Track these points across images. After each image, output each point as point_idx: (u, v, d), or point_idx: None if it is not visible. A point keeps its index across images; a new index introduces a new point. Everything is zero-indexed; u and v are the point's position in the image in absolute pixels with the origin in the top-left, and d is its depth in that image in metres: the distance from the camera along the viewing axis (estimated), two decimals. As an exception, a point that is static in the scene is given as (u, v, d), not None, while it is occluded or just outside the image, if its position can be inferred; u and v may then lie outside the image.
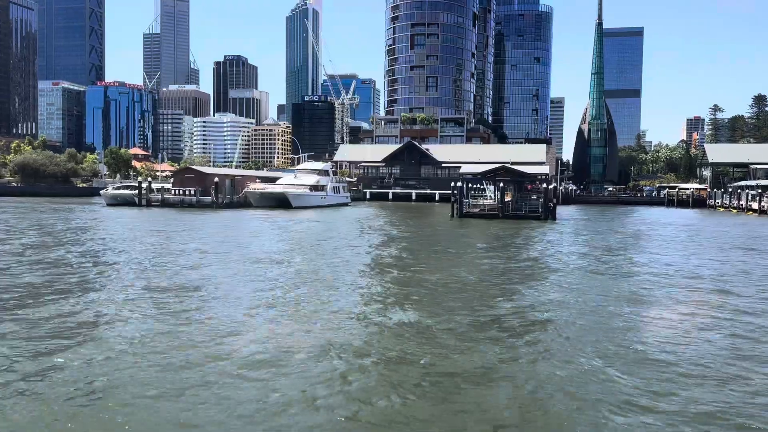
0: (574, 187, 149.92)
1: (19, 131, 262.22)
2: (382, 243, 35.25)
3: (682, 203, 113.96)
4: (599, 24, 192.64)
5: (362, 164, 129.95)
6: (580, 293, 19.17)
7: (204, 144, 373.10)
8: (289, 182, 79.95)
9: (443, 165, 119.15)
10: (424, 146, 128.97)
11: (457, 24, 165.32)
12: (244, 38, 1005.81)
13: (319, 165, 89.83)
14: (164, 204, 70.76)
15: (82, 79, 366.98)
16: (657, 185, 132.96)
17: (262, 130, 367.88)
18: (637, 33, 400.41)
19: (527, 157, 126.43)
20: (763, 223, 63.24)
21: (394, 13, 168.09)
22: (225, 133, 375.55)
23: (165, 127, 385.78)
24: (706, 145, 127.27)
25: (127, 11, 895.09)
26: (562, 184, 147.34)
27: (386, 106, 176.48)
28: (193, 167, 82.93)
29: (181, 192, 70.86)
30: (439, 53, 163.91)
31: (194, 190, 70.14)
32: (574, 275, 23.18)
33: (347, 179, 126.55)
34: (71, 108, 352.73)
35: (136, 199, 70.80)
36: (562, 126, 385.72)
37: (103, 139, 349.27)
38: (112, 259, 25.26)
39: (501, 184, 61.34)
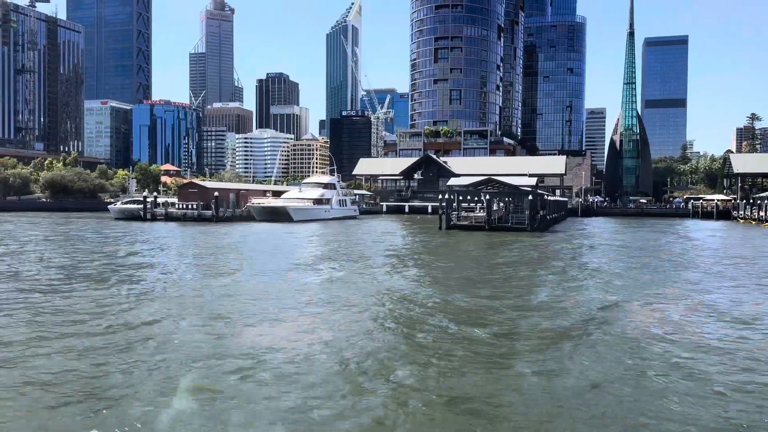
0: (601, 199, 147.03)
1: (69, 149, 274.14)
2: (322, 256, 35.84)
3: (707, 215, 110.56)
4: (631, 33, 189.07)
5: (381, 177, 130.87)
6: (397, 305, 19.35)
7: (245, 159, 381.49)
8: (293, 196, 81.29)
9: (461, 177, 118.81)
10: (442, 159, 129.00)
11: (482, 37, 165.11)
12: (287, 56, 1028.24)
13: (325, 179, 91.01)
14: (168, 218, 73.03)
15: (129, 98, 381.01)
16: (685, 197, 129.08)
17: (301, 145, 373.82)
18: (681, 42, 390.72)
19: (546, 169, 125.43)
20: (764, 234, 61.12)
21: (417, 27, 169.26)
22: (265, 149, 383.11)
23: (209, 144, 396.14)
24: (731, 155, 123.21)
25: (175, 32, 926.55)
26: (588, 196, 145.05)
27: (411, 119, 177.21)
28: (196, 181, 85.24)
29: (183, 206, 72.98)
30: (463, 66, 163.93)
31: (196, 204, 72.13)
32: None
33: (364, 192, 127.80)
34: (119, 126, 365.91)
35: (141, 213, 73.28)
36: (603, 137, 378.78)
37: (150, 156, 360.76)
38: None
39: (487, 196, 61.06)
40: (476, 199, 68.81)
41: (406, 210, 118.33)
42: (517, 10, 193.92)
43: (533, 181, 63.53)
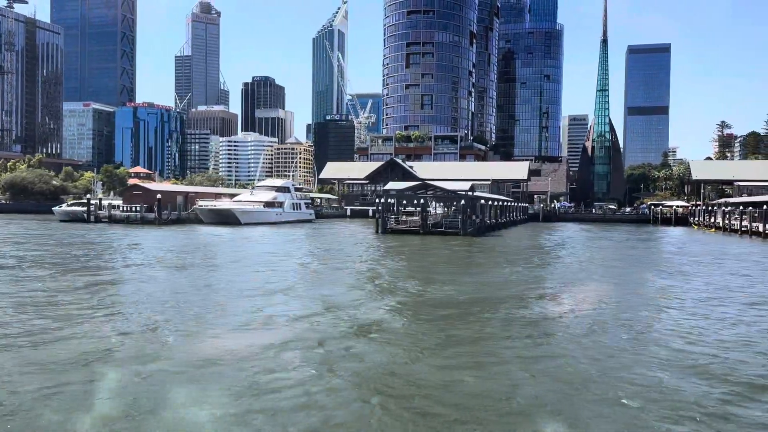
0: (568, 204, 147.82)
1: (48, 151, 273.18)
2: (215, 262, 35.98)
3: (666, 221, 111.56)
4: (604, 41, 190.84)
5: (347, 181, 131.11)
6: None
7: (229, 163, 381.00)
8: (244, 199, 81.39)
9: (426, 182, 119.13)
10: (408, 164, 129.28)
11: (453, 42, 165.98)
12: (273, 60, 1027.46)
13: (279, 182, 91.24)
14: (111, 220, 72.94)
15: (113, 100, 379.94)
16: (649, 203, 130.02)
17: (285, 149, 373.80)
18: (664, 49, 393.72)
19: (509, 174, 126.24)
20: (693, 240, 61.80)
21: (390, 32, 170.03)
22: (249, 152, 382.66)
23: (192, 147, 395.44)
24: (691, 162, 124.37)
25: (161, 34, 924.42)
26: (555, 201, 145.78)
27: (383, 123, 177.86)
28: (140, 183, 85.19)
29: (127, 208, 72.93)
30: (435, 71, 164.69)
31: (140, 207, 72.08)
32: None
33: (330, 196, 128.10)
34: (101, 128, 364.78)
35: (85, 216, 73.17)
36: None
37: (132, 159, 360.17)
38: None
39: (422, 200, 61.47)
40: (415, 202, 69.30)
41: (370, 214, 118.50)
42: (491, 16, 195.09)
43: (467, 185, 63.81)
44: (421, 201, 61.57)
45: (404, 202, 64.91)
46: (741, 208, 75.48)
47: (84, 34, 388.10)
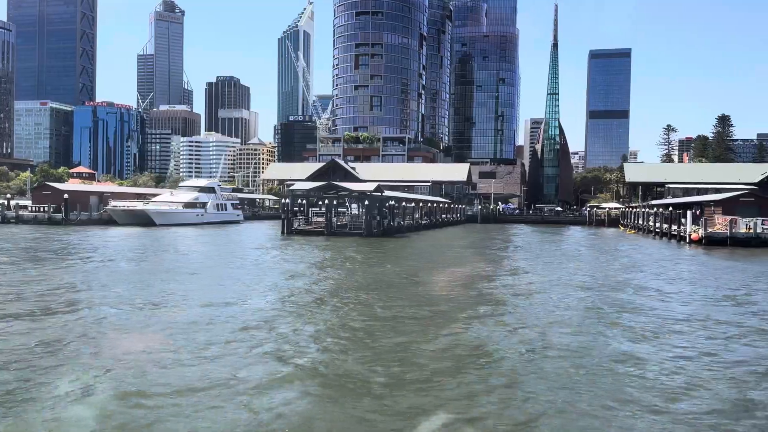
0: (513, 207, 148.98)
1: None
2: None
3: (600, 222, 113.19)
4: (555, 45, 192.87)
5: (288, 182, 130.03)
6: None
7: (190, 163, 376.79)
8: (162, 200, 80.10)
9: (366, 183, 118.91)
10: (350, 165, 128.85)
11: (402, 44, 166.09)
12: (239, 59, 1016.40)
13: (203, 182, 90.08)
14: (19, 220, 71.16)
15: (72, 99, 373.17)
16: (588, 205, 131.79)
17: (247, 149, 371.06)
18: (624, 54, 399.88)
19: (449, 176, 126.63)
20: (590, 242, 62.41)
21: (339, 33, 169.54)
22: (211, 153, 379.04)
23: (153, 147, 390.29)
24: (625, 165, 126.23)
25: (123, 33, 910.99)
26: (499, 203, 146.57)
27: (332, 124, 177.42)
28: (50, 183, 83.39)
29: (36, 209, 71.23)
30: (384, 73, 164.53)
31: (48, 207, 70.45)
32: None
33: (270, 197, 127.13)
34: (59, 128, 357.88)
35: (-6, 216, 71.31)
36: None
37: (91, 159, 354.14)
38: None
39: (326, 201, 61.10)
40: (335, 203, 68.87)
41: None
42: (443, 19, 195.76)
43: (372, 186, 63.52)
44: (326, 202, 61.18)
45: (319, 202, 64.45)
46: (656, 210, 76.62)
47: (42, 32, 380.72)
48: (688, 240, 56.83)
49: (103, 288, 22.73)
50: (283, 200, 63.61)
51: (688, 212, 58.47)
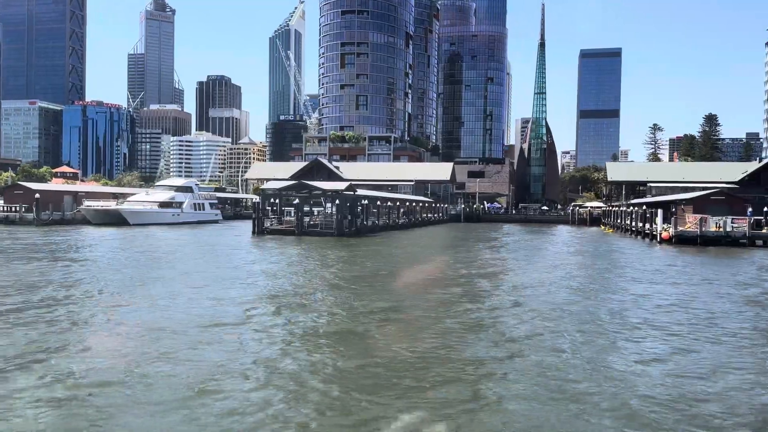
0: (498, 206, 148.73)
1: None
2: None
3: (582, 222, 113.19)
4: (542, 44, 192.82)
5: (271, 181, 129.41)
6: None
7: (180, 162, 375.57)
8: (138, 199, 79.49)
9: (350, 183, 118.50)
10: (334, 164, 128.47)
11: (388, 43, 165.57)
12: (231, 59, 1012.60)
13: (180, 181, 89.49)
14: (-10, 220, 70.50)
15: (62, 99, 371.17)
16: (572, 204, 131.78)
17: (238, 149, 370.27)
18: (615, 54, 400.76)
19: (432, 175, 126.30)
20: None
21: (324, 31, 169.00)
22: (201, 152, 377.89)
23: (143, 147, 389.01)
24: (608, 164, 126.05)
25: (114, 32, 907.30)
26: (485, 202, 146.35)
27: (319, 123, 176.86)
28: (22, 183, 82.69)
29: (7, 209, 70.57)
30: (369, 72, 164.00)
31: (19, 207, 69.79)
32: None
33: (252, 196, 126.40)
34: (48, 127, 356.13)
35: (-36, 216, 70.57)
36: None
37: (80, 159, 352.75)
38: None
39: (296, 201, 60.72)
40: (312, 203, 68.54)
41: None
42: (431, 18, 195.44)
43: (344, 185, 63.15)
44: (296, 201, 60.81)
45: (295, 202, 64.02)
46: (633, 209, 76.49)
47: (31, 31, 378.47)
48: (658, 239, 56.73)
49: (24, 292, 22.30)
50: (253, 200, 63.01)
51: (659, 211, 58.35)
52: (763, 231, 55.25)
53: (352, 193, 62.34)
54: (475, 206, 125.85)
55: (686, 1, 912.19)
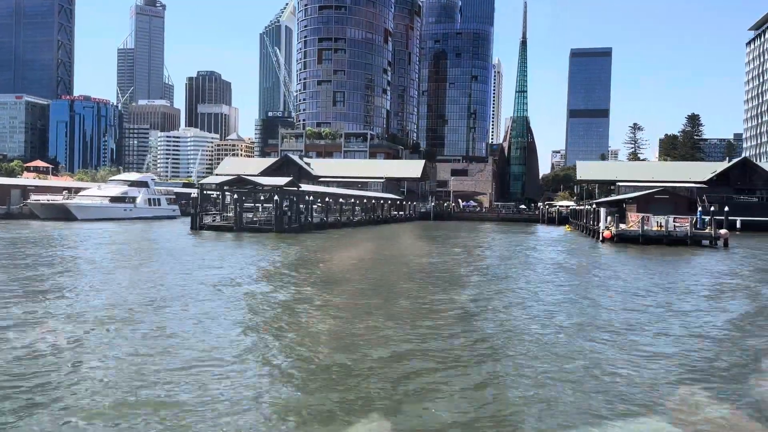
0: (474, 204, 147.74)
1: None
2: None
3: (552, 220, 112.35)
4: (523, 42, 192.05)
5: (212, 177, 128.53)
6: None
7: (167, 158, 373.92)
8: (89, 194, 78.25)
9: (320, 179, 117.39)
10: (305, 160, 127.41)
11: (366, 40, 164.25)
12: (221, 54, 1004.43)
13: (135, 176, 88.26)
14: (-65, 214, 69.20)
15: (50, 93, 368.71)
16: (545, 203, 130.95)
17: (225, 145, 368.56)
18: (605, 53, 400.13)
19: (404, 173, 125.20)
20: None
21: (302, 26, 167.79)
22: (189, 148, 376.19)
23: (131, 142, 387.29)
24: (577, 163, 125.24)
25: (104, 27, 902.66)
26: (460, 200, 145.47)
27: (296, 120, 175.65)
28: None
29: (-49, 202, 69.35)
30: (347, 68, 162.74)
31: (-37, 200, 68.59)
32: None
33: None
34: (35, 122, 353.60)
35: None
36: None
37: (68, 153, 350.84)
38: None
39: (235, 195, 59.59)
40: (262, 198, 67.42)
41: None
42: (412, 15, 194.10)
43: (283, 181, 61.95)
44: (234, 196, 59.67)
45: (243, 198, 62.84)
46: (593, 207, 75.54)
47: (18, 24, 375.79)
48: (600, 238, 55.80)
49: None
50: (192, 194, 61.87)
51: (602, 210, 57.39)
52: (706, 231, 54.31)
53: (295, 188, 61.15)
54: (446, 204, 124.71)
55: (676, 1, 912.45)
